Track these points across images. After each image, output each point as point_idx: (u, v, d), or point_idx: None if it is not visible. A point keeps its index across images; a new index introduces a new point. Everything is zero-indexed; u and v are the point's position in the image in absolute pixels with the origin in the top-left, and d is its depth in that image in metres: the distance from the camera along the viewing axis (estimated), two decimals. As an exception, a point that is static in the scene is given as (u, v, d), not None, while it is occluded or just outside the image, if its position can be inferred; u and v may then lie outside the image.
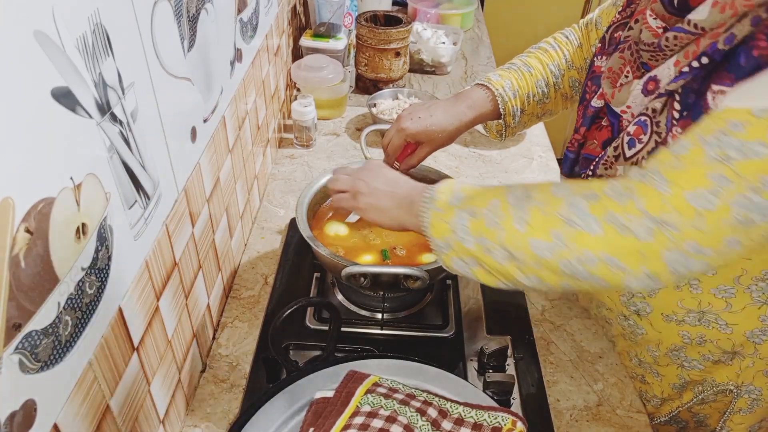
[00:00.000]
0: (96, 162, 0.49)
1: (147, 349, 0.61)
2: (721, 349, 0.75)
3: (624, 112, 0.68)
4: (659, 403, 0.85)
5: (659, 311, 0.76)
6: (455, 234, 0.62)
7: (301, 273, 0.97)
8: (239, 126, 0.94)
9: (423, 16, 1.89)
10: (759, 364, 0.74)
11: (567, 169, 0.78)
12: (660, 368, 0.82)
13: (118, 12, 0.51)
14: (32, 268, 0.41)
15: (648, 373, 0.84)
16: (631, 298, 0.78)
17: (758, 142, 0.48)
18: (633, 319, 0.80)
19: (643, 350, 0.82)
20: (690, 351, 0.77)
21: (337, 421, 0.62)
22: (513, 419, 0.64)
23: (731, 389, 0.77)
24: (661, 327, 0.77)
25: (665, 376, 0.82)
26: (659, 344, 0.79)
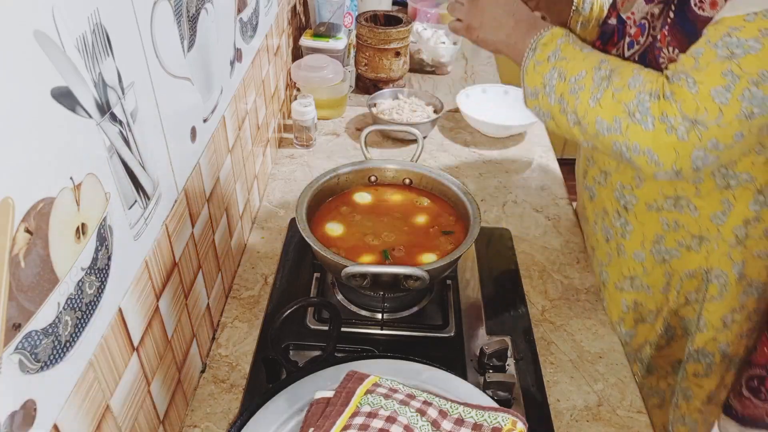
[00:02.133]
0: (96, 162, 0.49)
1: (147, 349, 0.61)
2: (690, 234, 0.83)
3: (629, 18, 0.79)
4: (654, 316, 0.92)
5: (643, 201, 0.85)
6: (544, 88, 0.76)
7: (301, 273, 0.97)
8: (239, 126, 0.94)
9: (423, 15, 1.88)
10: (722, 246, 0.82)
11: None
12: (647, 278, 0.89)
13: (118, 12, 0.51)
14: (32, 268, 0.41)
15: (640, 291, 0.91)
16: (621, 190, 0.87)
17: (753, 39, 0.61)
18: (624, 216, 0.89)
19: (633, 261, 0.90)
20: (668, 239, 0.85)
21: (337, 421, 0.62)
22: (513, 419, 0.64)
23: (703, 273, 0.85)
24: (644, 218, 0.86)
25: (653, 285, 0.90)
26: (644, 241, 0.87)
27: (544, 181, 1.25)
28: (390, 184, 0.99)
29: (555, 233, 1.11)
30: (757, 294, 0.85)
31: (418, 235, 0.90)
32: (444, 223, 0.92)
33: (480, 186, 1.22)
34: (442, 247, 0.88)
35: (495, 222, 1.13)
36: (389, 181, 0.99)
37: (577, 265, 1.03)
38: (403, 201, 0.97)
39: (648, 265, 0.88)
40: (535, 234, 1.10)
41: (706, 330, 0.87)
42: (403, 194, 0.98)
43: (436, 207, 0.95)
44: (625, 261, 0.90)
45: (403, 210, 0.95)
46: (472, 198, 0.91)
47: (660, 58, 0.72)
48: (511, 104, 1.44)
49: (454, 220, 0.93)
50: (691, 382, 0.93)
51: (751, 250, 0.82)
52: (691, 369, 0.91)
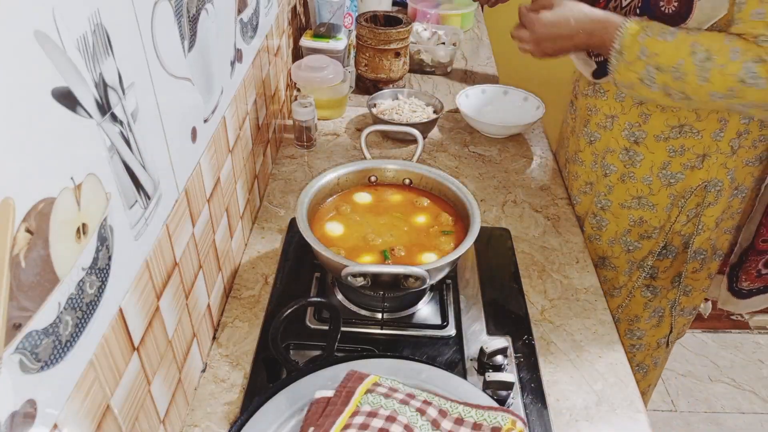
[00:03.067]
0: (96, 162, 0.49)
1: (147, 348, 0.62)
2: (695, 154, 0.98)
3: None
4: (657, 232, 1.07)
5: (652, 134, 0.99)
6: (642, 82, 0.88)
7: (301, 273, 0.97)
8: (239, 126, 0.94)
9: (423, 16, 1.89)
10: (720, 158, 0.97)
11: None
12: (654, 197, 1.04)
13: (118, 12, 0.51)
14: (33, 268, 0.41)
15: (646, 209, 1.06)
16: (630, 129, 1.01)
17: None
18: (633, 149, 1.02)
19: (641, 184, 1.04)
20: (674, 164, 1.00)
21: (337, 420, 0.62)
22: (513, 419, 0.65)
23: (704, 186, 1.00)
24: (653, 147, 1.00)
25: (658, 204, 1.04)
26: (652, 167, 1.01)
27: (543, 181, 1.25)
28: (390, 184, 0.99)
29: (554, 233, 1.11)
30: (741, 196, 1.03)
31: (418, 235, 0.90)
32: (444, 223, 0.92)
33: (480, 186, 1.22)
34: (442, 247, 0.88)
35: (495, 222, 1.13)
36: (389, 181, 0.99)
37: (576, 265, 1.03)
38: (403, 201, 0.97)
39: (654, 187, 1.03)
40: (534, 234, 1.10)
41: (703, 232, 1.04)
42: (403, 194, 0.98)
43: (436, 207, 0.95)
44: (633, 184, 1.05)
45: (403, 210, 0.95)
46: (472, 198, 0.91)
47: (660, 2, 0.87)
48: (511, 104, 1.45)
49: (454, 220, 0.93)
50: (690, 278, 1.11)
51: (742, 159, 0.98)
52: (690, 267, 1.09)
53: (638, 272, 1.12)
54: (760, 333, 2.15)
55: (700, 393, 1.94)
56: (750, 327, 2.17)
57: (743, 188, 1.03)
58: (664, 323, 1.18)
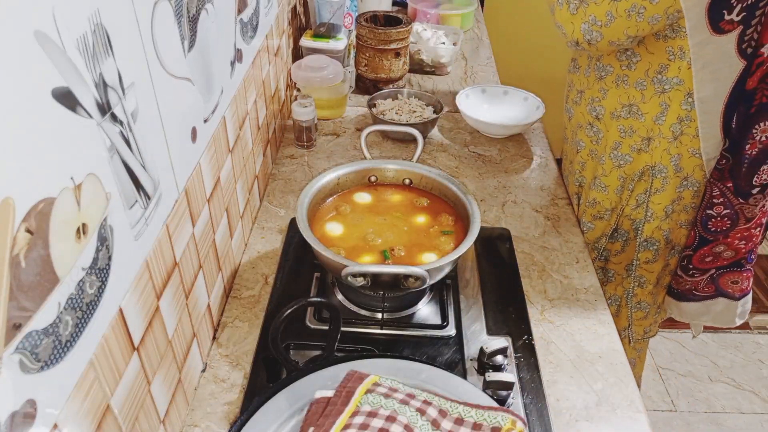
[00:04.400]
0: (96, 162, 0.49)
1: (147, 348, 0.62)
2: (641, 137, 1.02)
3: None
4: (609, 213, 1.12)
5: (608, 111, 1.05)
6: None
7: (301, 273, 0.97)
8: (239, 126, 0.94)
9: (423, 16, 1.89)
10: (663, 143, 1.00)
11: None
12: (606, 178, 1.09)
13: (118, 12, 0.51)
14: (33, 268, 0.41)
15: (599, 191, 1.11)
16: (592, 104, 1.07)
17: None
18: (596, 125, 1.08)
19: (598, 165, 1.10)
20: (624, 146, 1.05)
21: (337, 420, 0.62)
22: (513, 419, 0.65)
23: (649, 170, 1.03)
24: (609, 124, 1.06)
25: (610, 185, 1.10)
26: (606, 146, 1.07)
27: (543, 181, 1.25)
28: (390, 184, 0.99)
29: (554, 233, 1.11)
30: (692, 189, 1.03)
31: (418, 235, 0.90)
32: (444, 223, 0.92)
33: (480, 186, 1.22)
34: (442, 247, 0.88)
35: (495, 222, 1.13)
36: (389, 181, 0.99)
37: (576, 265, 1.03)
38: (403, 201, 0.97)
39: (607, 167, 1.08)
40: (534, 234, 1.10)
41: (653, 220, 1.07)
42: (403, 194, 0.98)
43: (436, 207, 0.95)
44: (597, 164, 1.10)
45: (403, 210, 0.95)
46: (472, 198, 0.91)
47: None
48: (511, 104, 1.45)
49: (454, 220, 0.93)
50: (643, 269, 1.13)
51: (687, 147, 0.99)
52: (642, 257, 1.11)
53: (593, 253, 1.15)
54: (760, 333, 2.15)
55: (700, 393, 1.94)
56: (750, 327, 2.17)
57: (693, 180, 1.02)
58: (622, 314, 1.20)
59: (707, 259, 1.09)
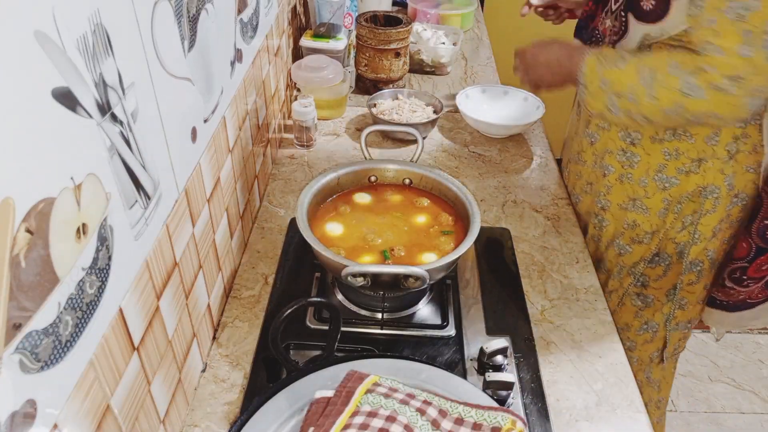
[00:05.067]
0: (96, 162, 0.49)
1: (147, 348, 0.62)
2: (690, 159, 0.96)
3: None
4: (650, 237, 1.05)
5: (647, 135, 0.98)
6: (609, 110, 0.92)
7: (301, 273, 0.97)
8: (239, 126, 0.94)
9: (423, 16, 1.89)
10: (716, 163, 0.95)
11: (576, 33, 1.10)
12: (648, 200, 1.02)
13: (118, 12, 0.51)
14: (33, 268, 0.41)
15: (639, 213, 1.04)
16: (626, 130, 1.01)
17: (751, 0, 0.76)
18: (630, 151, 1.02)
19: (637, 186, 1.03)
20: (669, 168, 0.98)
21: (337, 420, 0.62)
22: (513, 419, 0.65)
23: (700, 192, 0.98)
24: (649, 148, 0.99)
25: (652, 208, 1.02)
26: (648, 169, 1.00)
27: (543, 181, 1.25)
28: (390, 184, 0.99)
29: (554, 233, 1.11)
30: (741, 204, 1.00)
31: (418, 235, 0.90)
32: (444, 223, 0.92)
33: (480, 186, 1.22)
34: (442, 247, 0.88)
35: (495, 222, 1.13)
36: (389, 181, 0.99)
37: (576, 265, 1.03)
38: (403, 201, 0.97)
39: (650, 189, 1.01)
40: (534, 234, 1.10)
41: (700, 242, 1.01)
42: (403, 194, 0.98)
43: (436, 207, 0.95)
44: (631, 185, 1.03)
45: (403, 210, 0.95)
46: (472, 198, 0.91)
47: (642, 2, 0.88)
48: (511, 104, 1.45)
49: (454, 220, 0.93)
50: (686, 290, 1.08)
51: (741, 164, 0.95)
52: (686, 279, 1.06)
53: (629, 278, 1.10)
54: (760, 333, 2.15)
55: (700, 393, 1.94)
56: (750, 327, 2.17)
57: (743, 195, 0.99)
58: (658, 337, 1.15)
59: (764, 267, 1.05)
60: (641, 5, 0.88)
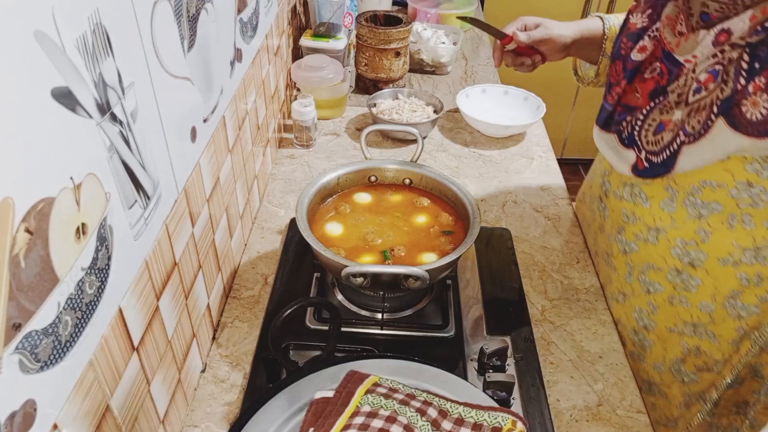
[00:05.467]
0: (96, 162, 0.49)
1: (147, 349, 0.61)
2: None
3: (688, 61, 0.73)
4: (720, 364, 0.84)
5: (715, 256, 0.77)
6: None
7: (301, 273, 0.97)
8: (239, 126, 0.94)
9: (423, 16, 1.88)
10: None
11: (602, 120, 0.87)
12: (716, 327, 0.81)
13: (118, 12, 0.51)
14: (32, 268, 0.41)
15: (704, 339, 0.83)
16: (684, 247, 0.79)
17: None
18: (687, 272, 0.80)
19: (697, 310, 0.81)
20: (747, 295, 0.77)
21: (337, 421, 0.62)
22: (513, 419, 0.64)
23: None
24: (717, 273, 0.77)
25: (722, 335, 0.81)
26: (715, 295, 0.79)
27: (544, 181, 1.25)
28: (390, 184, 0.99)
29: (555, 233, 1.11)
30: None
31: (418, 235, 0.90)
32: (444, 223, 0.92)
33: (480, 186, 1.22)
34: (442, 247, 0.88)
35: (495, 222, 1.13)
36: (389, 181, 0.99)
37: (577, 265, 1.03)
38: (403, 201, 0.97)
39: (717, 316, 0.80)
40: (535, 234, 1.10)
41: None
42: (403, 194, 0.98)
43: (436, 207, 0.95)
44: (687, 310, 0.83)
45: (403, 210, 0.95)
46: (472, 198, 0.91)
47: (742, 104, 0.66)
48: (511, 104, 1.45)
49: (454, 220, 0.93)
50: (761, 413, 0.87)
51: None
52: (762, 404, 0.86)
53: (698, 404, 0.88)
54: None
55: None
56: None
57: None
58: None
59: None
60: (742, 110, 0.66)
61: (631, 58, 0.82)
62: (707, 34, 0.70)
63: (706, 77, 0.70)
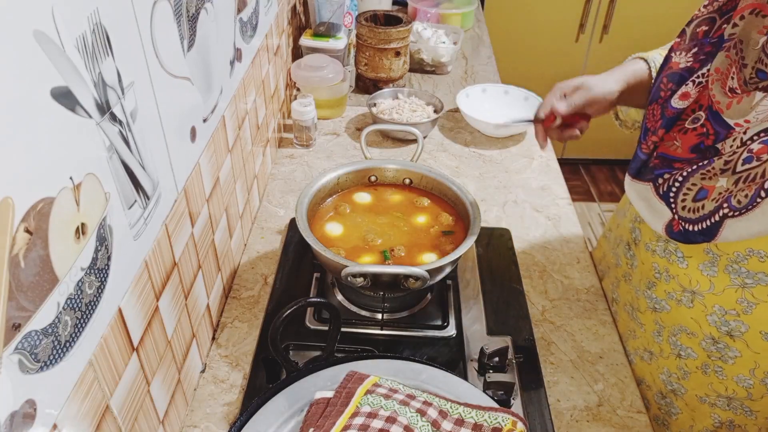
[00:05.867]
0: (95, 162, 0.49)
1: (147, 349, 0.61)
2: None
3: (739, 125, 0.65)
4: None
5: (757, 328, 0.70)
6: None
7: (301, 273, 0.96)
8: (239, 126, 0.94)
9: (423, 15, 1.88)
10: None
11: (635, 170, 0.78)
12: (754, 403, 0.75)
13: (117, 12, 0.51)
14: (32, 268, 0.41)
15: (739, 413, 0.77)
16: (723, 316, 0.72)
17: None
18: (724, 341, 0.74)
19: (732, 383, 0.75)
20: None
21: (337, 421, 0.62)
22: (513, 419, 0.64)
23: None
24: (759, 347, 0.71)
25: (760, 411, 0.75)
26: (755, 369, 0.73)
27: (544, 181, 1.25)
28: (390, 184, 0.99)
29: (555, 233, 1.11)
30: None
31: (418, 235, 0.90)
32: (444, 223, 0.92)
33: (480, 186, 1.22)
34: (442, 247, 0.88)
35: (495, 222, 1.13)
36: (389, 181, 0.99)
37: (577, 265, 1.03)
38: (403, 201, 0.96)
39: (756, 392, 0.75)
40: (535, 234, 1.10)
41: None
42: (403, 194, 0.98)
43: (436, 207, 0.95)
44: (722, 381, 0.77)
45: (403, 210, 0.95)
46: (472, 198, 0.91)
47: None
48: (511, 104, 1.45)
49: (454, 220, 0.93)
50: None
51: None
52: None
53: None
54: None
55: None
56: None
57: None
58: None
59: None
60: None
61: (671, 105, 0.73)
62: (764, 97, 0.63)
63: (760, 147, 0.62)
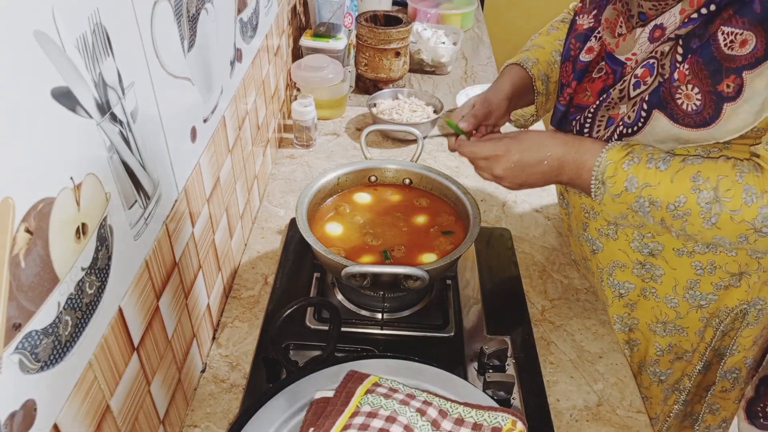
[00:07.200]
0: (96, 162, 0.49)
1: (147, 349, 0.61)
2: (729, 273, 0.80)
3: (629, 59, 0.75)
4: (691, 354, 0.90)
5: (670, 246, 0.80)
6: (636, 212, 0.73)
7: (301, 273, 0.97)
8: (239, 126, 0.94)
9: (423, 16, 1.88)
10: (763, 276, 0.80)
11: (556, 121, 0.86)
12: (682, 321, 0.86)
13: (118, 12, 0.51)
14: (32, 268, 0.41)
15: (674, 334, 0.88)
16: (642, 240, 0.82)
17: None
18: (649, 262, 0.83)
19: (664, 306, 0.86)
20: (704, 284, 0.82)
21: (337, 421, 0.62)
22: (513, 419, 0.64)
23: (744, 307, 0.83)
24: (675, 263, 0.81)
25: (688, 327, 0.87)
26: (676, 286, 0.83)
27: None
28: (390, 184, 0.99)
29: (555, 233, 1.11)
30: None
31: (418, 235, 0.90)
32: (444, 223, 0.92)
33: (480, 186, 1.22)
34: (442, 247, 0.88)
35: (495, 222, 1.13)
36: (389, 181, 0.99)
37: (577, 265, 1.03)
38: (403, 201, 0.97)
39: (682, 310, 0.85)
40: (535, 234, 1.10)
41: (738, 352, 0.87)
42: (403, 194, 0.98)
43: (436, 207, 0.95)
44: (657, 304, 0.86)
45: (403, 210, 0.95)
46: (472, 198, 0.91)
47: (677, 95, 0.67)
48: (511, 104, 1.44)
49: (454, 220, 0.93)
50: (718, 397, 0.94)
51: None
52: (719, 386, 0.92)
53: (674, 395, 0.94)
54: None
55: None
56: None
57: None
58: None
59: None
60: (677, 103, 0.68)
61: (579, 59, 0.82)
62: (643, 31, 0.72)
63: (643, 71, 0.72)
